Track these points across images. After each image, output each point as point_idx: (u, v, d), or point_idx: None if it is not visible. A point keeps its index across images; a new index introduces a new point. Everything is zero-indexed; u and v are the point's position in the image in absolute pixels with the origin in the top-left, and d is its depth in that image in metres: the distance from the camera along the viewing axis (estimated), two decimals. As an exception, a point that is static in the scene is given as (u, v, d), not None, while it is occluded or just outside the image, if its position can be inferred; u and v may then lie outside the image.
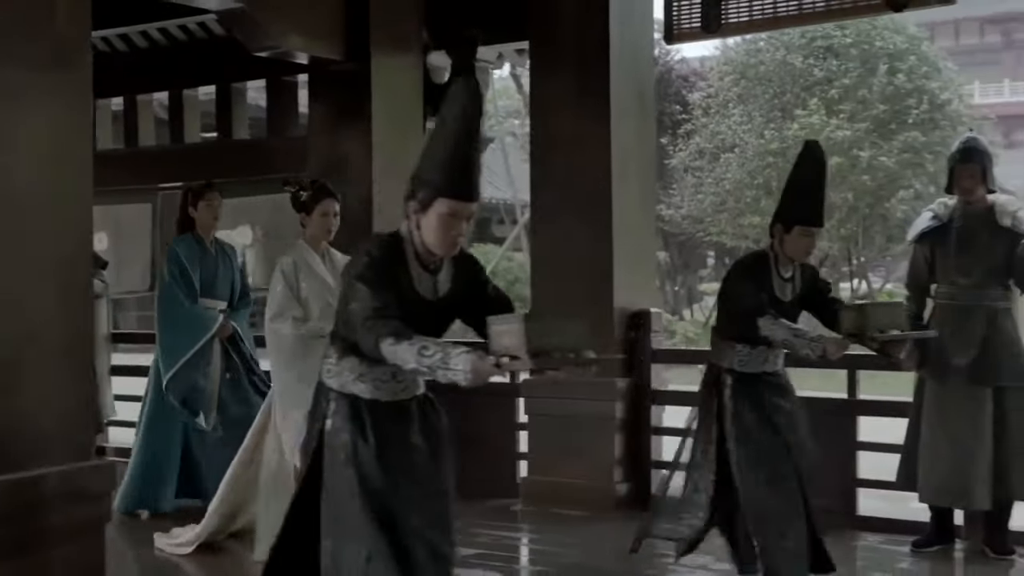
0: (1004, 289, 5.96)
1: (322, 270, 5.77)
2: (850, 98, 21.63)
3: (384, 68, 7.63)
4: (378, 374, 3.47)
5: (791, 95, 22.27)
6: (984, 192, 6.00)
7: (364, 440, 3.45)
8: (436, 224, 3.41)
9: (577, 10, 7.18)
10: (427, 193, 3.40)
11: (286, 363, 5.60)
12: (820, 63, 22.08)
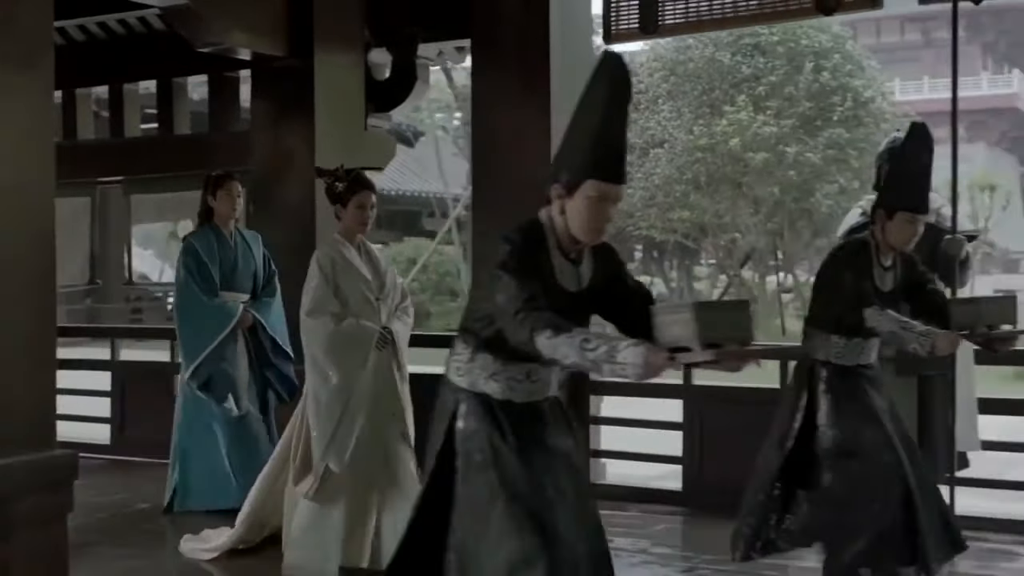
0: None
1: (359, 264, 5.59)
2: (777, 95, 22.05)
3: (326, 64, 7.75)
4: (512, 373, 3.34)
5: (720, 92, 22.62)
6: (913, 191, 6.26)
7: (504, 441, 3.30)
8: (584, 208, 3.25)
9: (518, 9, 7.29)
10: (574, 175, 3.25)
11: (322, 361, 5.40)
12: (748, 61, 22.45)
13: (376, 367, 5.44)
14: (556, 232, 3.31)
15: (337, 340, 5.36)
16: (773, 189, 21.91)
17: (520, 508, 3.21)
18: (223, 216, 6.95)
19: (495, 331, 3.26)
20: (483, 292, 3.31)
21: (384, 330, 5.50)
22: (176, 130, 9.05)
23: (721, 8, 6.92)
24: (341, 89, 7.90)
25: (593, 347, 2.94)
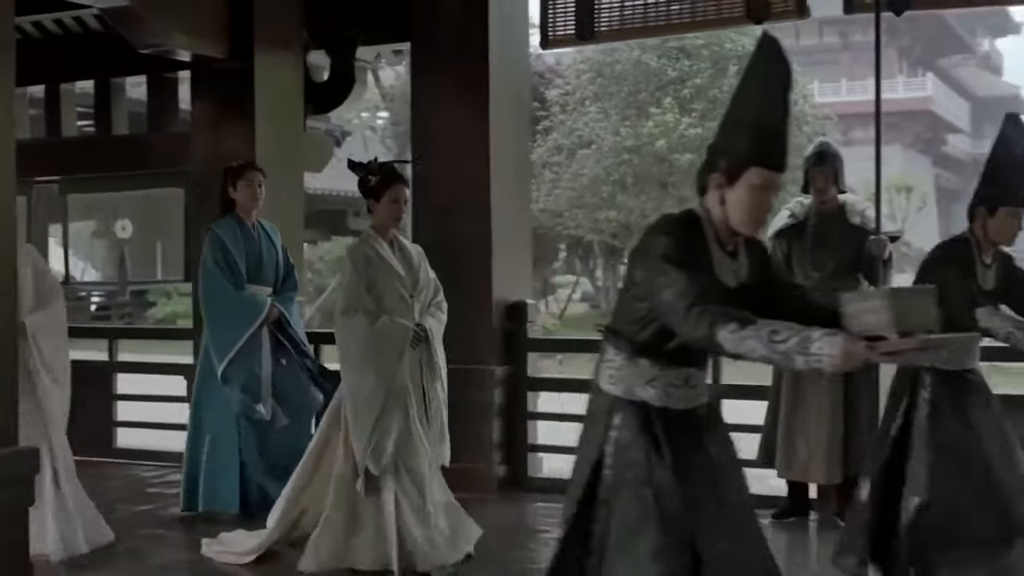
0: (854, 281, 6.42)
1: (392, 259, 5.46)
2: (702, 97, 22.39)
3: (266, 66, 7.84)
4: (670, 378, 3.18)
5: (646, 94, 22.92)
6: (836, 192, 6.53)
7: (659, 457, 3.13)
8: (747, 198, 3.10)
9: (457, 14, 7.46)
10: (736, 163, 3.10)
11: (358, 361, 5.28)
12: (673, 63, 22.79)
13: (411, 365, 5.37)
14: (714, 224, 3.15)
15: (372, 340, 5.25)
16: (696, 189, 22.24)
17: (672, 530, 3.07)
18: (245, 207, 6.72)
19: (654, 333, 3.13)
20: (637, 291, 3.15)
21: (418, 327, 5.40)
22: (114, 130, 9.06)
23: (655, 16, 7.18)
24: (281, 91, 8.00)
25: (783, 339, 2.82)
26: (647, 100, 22.75)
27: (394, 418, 5.27)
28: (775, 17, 6.92)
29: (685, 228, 3.12)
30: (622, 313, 3.24)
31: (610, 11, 7.27)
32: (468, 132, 7.43)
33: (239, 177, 6.70)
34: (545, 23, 7.48)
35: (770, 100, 3.14)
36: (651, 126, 21.87)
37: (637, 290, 3.16)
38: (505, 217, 7.56)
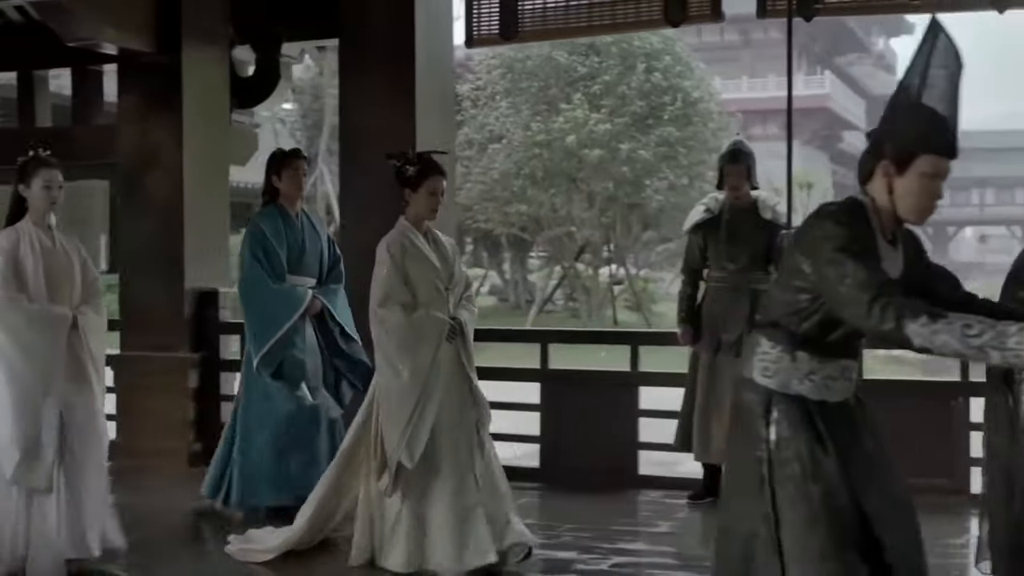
0: (766, 273, 6.73)
1: (428, 251, 5.34)
2: (611, 94, 22.72)
3: (193, 61, 7.96)
4: (829, 371, 3.09)
5: (556, 90, 23.19)
6: (749, 189, 6.80)
7: (824, 451, 3.04)
8: (917, 187, 3.00)
9: (386, 13, 7.61)
10: (907, 150, 2.99)
11: (394, 354, 5.17)
12: (583, 60, 23.09)
13: (445, 359, 5.24)
14: (879, 213, 3.05)
15: (408, 333, 5.16)
16: (607, 184, 22.58)
17: (842, 525, 2.99)
18: (289, 196, 6.51)
19: (815, 324, 3.06)
20: (800, 283, 3.05)
21: (453, 320, 5.29)
22: (38, 122, 9.04)
23: (576, 18, 7.42)
24: (207, 85, 8.11)
25: (977, 333, 2.69)
26: (557, 96, 23.03)
27: (430, 412, 5.14)
28: (691, 20, 7.21)
29: (854, 216, 3.02)
30: (780, 304, 3.11)
31: (533, 12, 7.49)
32: (395, 127, 7.51)
33: (284, 166, 6.49)
34: (470, 23, 7.66)
35: (943, 87, 3.05)
36: (561, 122, 22.15)
37: (800, 281, 3.03)
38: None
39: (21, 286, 5.12)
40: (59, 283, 5.23)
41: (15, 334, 5.07)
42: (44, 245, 5.22)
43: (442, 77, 8.02)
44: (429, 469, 5.15)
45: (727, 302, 6.72)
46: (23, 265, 5.15)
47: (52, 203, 5.26)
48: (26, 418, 5.02)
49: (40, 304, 5.14)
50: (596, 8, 7.34)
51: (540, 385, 7.65)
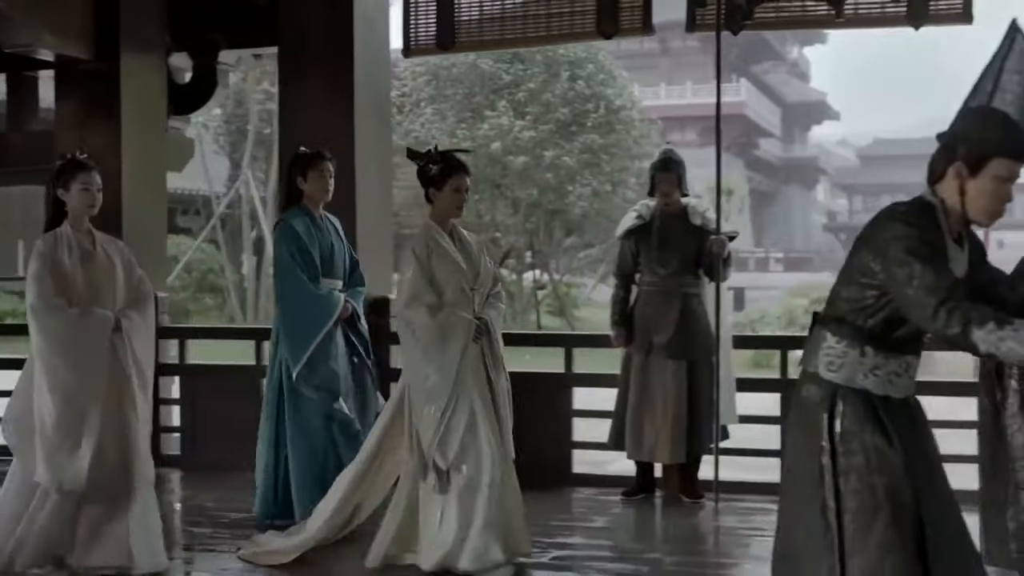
0: (695, 278, 6.97)
1: (454, 252, 5.28)
2: (535, 101, 22.97)
3: (131, 68, 8.01)
4: (893, 367, 3.13)
5: (481, 97, 23.39)
6: (679, 196, 7.03)
7: (890, 444, 3.07)
8: (991, 189, 3.02)
9: (324, 22, 7.72)
10: (981, 152, 3.01)
11: (420, 356, 5.12)
12: (508, 68, 23.31)
13: (475, 359, 5.21)
14: (948, 214, 3.07)
15: (435, 334, 5.10)
16: (531, 191, 22.82)
17: (905, 519, 3.03)
18: (314, 198, 6.36)
19: (882, 321, 3.10)
20: (868, 280, 3.08)
21: (478, 320, 5.24)
22: (-29, 127, 9.01)
23: (512, 29, 7.58)
24: (145, 92, 8.16)
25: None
26: (482, 103, 23.22)
27: (461, 413, 5.10)
28: (623, 33, 7.42)
29: (925, 218, 3.04)
30: (846, 300, 3.14)
31: (469, 24, 7.64)
32: (334, 134, 7.60)
33: (310, 167, 6.34)
34: (407, 32, 7.78)
35: (1019, 92, 3.19)
36: (486, 128, 22.34)
37: (868, 279, 3.08)
38: (369, 215, 7.84)
39: (61, 291, 5.03)
40: (100, 287, 5.14)
41: (57, 340, 4.99)
42: (84, 249, 5.15)
43: (380, 84, 8.15)
44: (460, 469, 5.10)
45: (658, 305, 6.92)
46: (63, 270, 5.06)
47: (90, 206, 5.22)
48: (69, 423, 4.94)
49: (81, 308, 5.05)
50: (531, 20, 7.51)
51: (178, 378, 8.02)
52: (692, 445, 6.86)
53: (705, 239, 6.89)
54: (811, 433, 3.15)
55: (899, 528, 3.02)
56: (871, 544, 3.03)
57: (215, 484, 7.42)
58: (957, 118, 3.20)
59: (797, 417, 3.25)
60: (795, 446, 3.26)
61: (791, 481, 3.26)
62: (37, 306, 5.01)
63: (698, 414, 6.84)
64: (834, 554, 3.08)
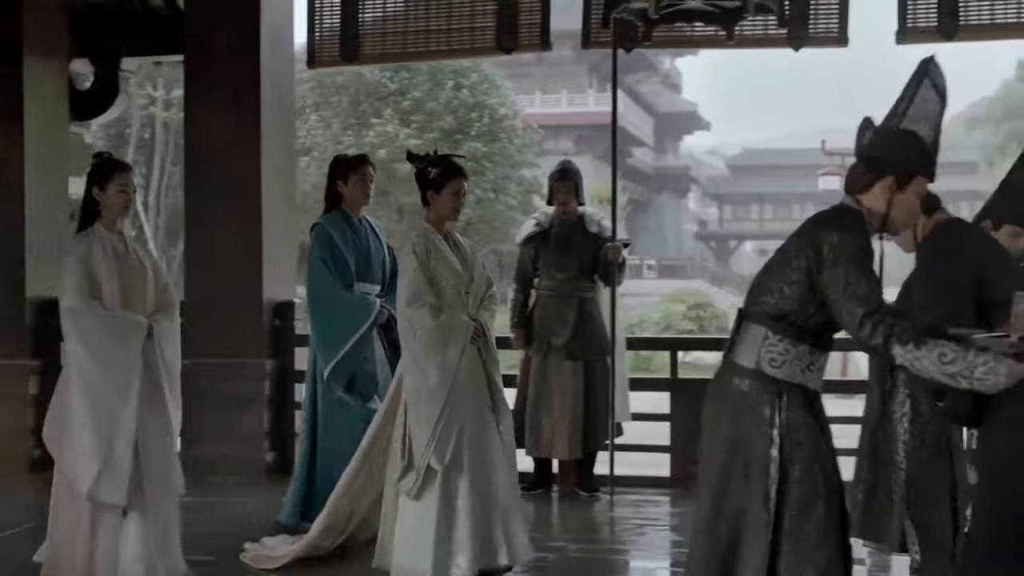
0: (591, 283, 7.29)
1: (450, 255, 5.25)
2: (421, 110, 23.23)
3: (34, 72, 8.04)
4: (822, 363, 3.38)
5: (366, 105, 23.51)
6: (576, 204, 7.35)
7: (823, 435, 3.34)
8: (911, 202, 3.37)
9: (231, 32, 7.88)
10: (910, 170, 3.35)
11: (422, 355, 5.07)
12: (393, 76, 23.49)
13: (469, 360, 5.18)
14: (871, 223, 3.36)
15: (437, 334, 5.08)
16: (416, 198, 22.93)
17: (837, 506, 3.30)
18: (354, 203, 6.28)
19: (822, 322, 3.31)
20: (800, 280, 3.30)
21: (475, 322, 5.23)
22: None
23: (415, 43, 7.81)
24: (48, 97, 8.19)
25: (950, 361, 3.06)
26: (368, 111, 23.36)
27: (457, 414, 5.07)
28: (522, 48, 7.69)
29: (860, 226, 3.31)
30: (784, 299, 3.32)
31: (373, 37, 7.84)
32: (240, 141, 7.82)
33: (351, 171, 6.28)
34: (312, 44, 7.95)
35: (937, 122, 3.46)
36: (372, 136, 22.48)
37: (806, 280, 3.29)
38: (273, 221, 8.01)
39: (96, 293, 4.85)
40: (132, 290, 4.96)
41: (91, 342, 4.82)
42: (117, 251, 4.97)
43: (284, 93, 8.32)
44: (456, 472, 5.06)
45: (556, 308, 7.22)
46: (97, 271, 4.88)
47: (126, 207, 5.05)
48: (103, 430, 4.77)
49: (116, 311, 4.88)
50: (433, 35, 7.74)
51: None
52: (588, 441, 7.17)
53: (601, 246, 7.20)
54: (753, 424, 3.32)
55: (833, 515, 3.28)
56: (810, 530, 3.26)
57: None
58: (877, 138, 3.51)
59: (729, 409, 3.39)
60: (726, 436, 3.39)
61: (718, 472, 3.39)
62: (75, 308, 4.83)
63: (594, 412, 7.14)
64: (765, 541, 3.28)
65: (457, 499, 5.06)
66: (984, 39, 7.11)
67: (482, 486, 5.10)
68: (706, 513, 3.40)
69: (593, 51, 7.60)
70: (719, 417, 3.42)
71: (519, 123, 24.83)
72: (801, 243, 3.34)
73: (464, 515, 5.05)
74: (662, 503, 7.23)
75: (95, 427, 4.76)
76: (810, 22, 7.11)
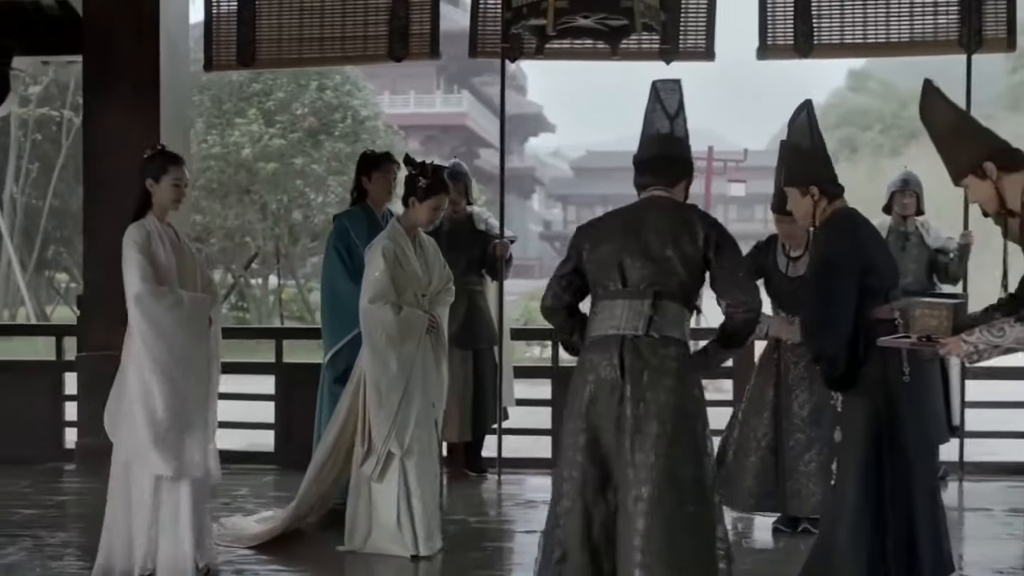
0: (480, 277, 7.66)
1: (415, 262, 5.60)
2: (285, 110, 23.14)
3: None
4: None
5: (231, 104, 23.32)
6: (466, 204, 7.73)
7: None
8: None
9: (130, 35, 7.97)
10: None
11: (383, 348, 5.40)
12: (256, 76, 23.33)
13: (424, 351, 5.55)
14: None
15: (396, 329, 5.40)
16: (281, 197, 23.00)
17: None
18: (377, 199, 6.44)
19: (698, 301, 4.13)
20: (700, 270, 3.98)
21: (430, 316, 5.59)
22: None
23: (309, 50, 8.03)
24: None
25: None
26: (231, 110, 23.19)
27: (415, 402, 5.45)
28: (412, 57, 7.98)
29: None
30: (687, 283, 3.96)
31: (269, 42, 7.99)
32: (139, 141, 7.82)
33: (375, 168, 6.42)
34: (209, 48, 8.07)
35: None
36: (237, 135, 22.35)
37: (699, 270, 3.98)
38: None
39: (160, 279, 4.93)
40: (187, 280, 5.05)
41: (165, 328, 4.86)
42: (172, 241, 5.05)
43: (182, 96, 8.47)
44: (407, 456, 5.44)
45: (447, 301, 7.60)
46: (159, 260, 4.95)
47: (178, 200, 5.10)
48: (181, 413, 4.85)
49: (182, 295, 4.95)
50: (327, 42, 7.97)
51: (275, 377, 8.26)
52: (477, 425, 7.54)
53: (488, 243, 7.58)
54: (696, 386, 3.93)
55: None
56: (709, 467, 3.91)
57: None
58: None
59: (675, 372, 3.86)
60: (679, 399, 3.86)
61: (671, 431, 3.81)
62: (143, 294, 4.88)
63: (482, 397, 7.50)
64: (712, 489, 3.92)
65: (410, 481, 5.45)
66: (836, 57, 7.75)
67: (426, 469, 5.52)
68: (668, 471, 3.89)
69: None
70: (657, 382, 3.92)
71: (381, 124, 25.00)
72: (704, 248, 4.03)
73: (416, 497, 5.45)
74: (545, 481, 7.65)
75: (170, 409, 4.82)
76: (680, 38, 7.63)
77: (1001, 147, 3.90)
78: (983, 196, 3.90)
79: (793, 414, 5.83)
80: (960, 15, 7.40)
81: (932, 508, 4.43)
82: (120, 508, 4.97)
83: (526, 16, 5.90)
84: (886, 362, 4.29)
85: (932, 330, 3.81)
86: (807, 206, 4.47)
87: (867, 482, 4.29)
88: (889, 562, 4.29)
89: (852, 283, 4.29)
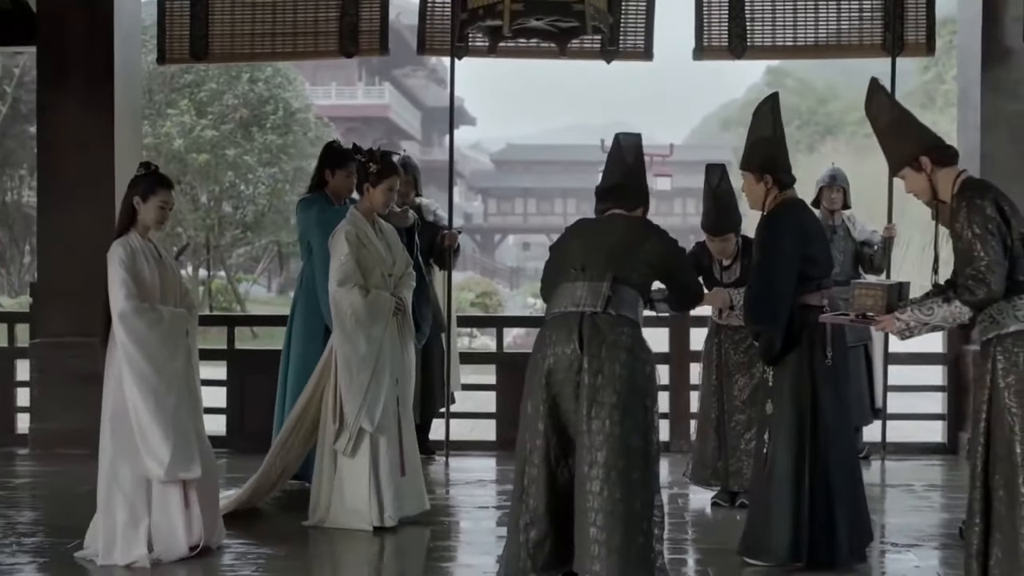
0: (428, 267, 7.74)
1: (377, 243, 5.75)
2: (217, 102, 22.97)
3: None
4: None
5: (162, 95, 23.11)
6: (415, 195, 7.84)
7: None
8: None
9: (84, 27, 8.01)
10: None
11: (353, 329, 5.56)
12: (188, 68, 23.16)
13: (391, 331, 5.73)
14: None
15: (365, 310, 5.57)
16: (213, 188, 22.89)
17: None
18: (338, 194, 6.66)
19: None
20: (653, 263, 4.42)
21: (396, 298, 5.78)
22: None
23: (262, 45, 8.11)
24: None
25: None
26: (162, 101, 22.98)
27: (384, 380, 5.62)
28: (362, 53, 8.13)
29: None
30: (643, 272, 4.42)
31: (222, 37, 8.04)
32: (94, 134, 7.97)
33: (339, 166, 6.59)
34: (162, 41, 8.11)
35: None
36: (169, 126, 22.18)
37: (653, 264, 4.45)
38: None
39: (143, 294, 5.03)
40: (168, 295, 5.16)
41: (148, 344, 4.97)
42: (154, 257, 5.15)
43: (134, 88, 8.51)
44: (378, 432, 5.61)
45: (396, 290, 7.74)
46: (143, 277, 5.06)
47: (162, 222, 5.22)
48: (168, 418, 4.96)
49: (161, 310, 5.06)
50: (279, 37, 8.04)
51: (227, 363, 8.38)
52: (425, 409, 7.66)
53: (437, 233, 7.73)
54: (649, 364, 4.27)
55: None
56: (655, 441, 4.27)
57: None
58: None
59: (629, 347, 4.24)
60: (631, 372, 4.22)
61: (624, 402, 4.18)
62: (127, 312, 4.98)
63: (430, 383, 7.64)
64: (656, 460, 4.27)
65: (380, 456, 5.62)
66: (768, 58, 8.07)
67: (394, 444, 5.68)
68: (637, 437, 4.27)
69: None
70: (615, 358, 4.31)
71: (312, 116, 24.96)
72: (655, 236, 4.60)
73: (385, 471, 5.62)
74: (489, 462, 7.88)
75: (160, 418, 4.95)
76: (620, 38, 7.86)
77: (936, 143, 4.20)
78: (918, 187, 4.19)
79: (734, 396, 6.13)
80: (884, 21, 7.76)
81: (851, 482, 4.92)
82: (111, 499, 5.06)
83: (482, 17, 6.08)
84: (812, 346, 4.78)
85: (868, 308, 4.15)
86: (760, 192, 4.89)
87: (793, 453, 4.79)
88: (815, 529, 4.77)
89: (793, 268, 4.72)
